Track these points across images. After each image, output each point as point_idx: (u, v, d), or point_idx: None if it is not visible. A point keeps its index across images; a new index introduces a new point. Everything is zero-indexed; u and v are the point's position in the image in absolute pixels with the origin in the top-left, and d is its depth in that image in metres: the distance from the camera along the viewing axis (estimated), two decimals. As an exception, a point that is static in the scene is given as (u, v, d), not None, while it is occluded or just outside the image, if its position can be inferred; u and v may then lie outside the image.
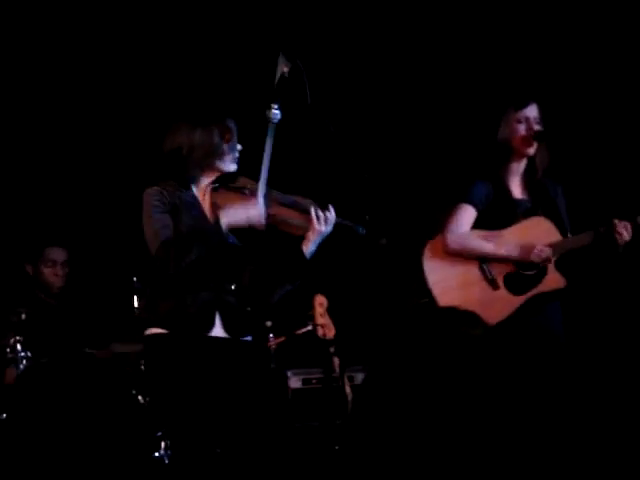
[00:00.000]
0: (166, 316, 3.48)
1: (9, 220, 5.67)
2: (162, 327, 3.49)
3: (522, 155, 4.21)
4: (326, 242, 3.59)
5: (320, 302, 5.16)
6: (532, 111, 4.21)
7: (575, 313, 4.43)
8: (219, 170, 3.59)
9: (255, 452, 3.57)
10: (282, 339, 5.34)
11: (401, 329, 5.64)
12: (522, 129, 4.18)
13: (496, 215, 4.16)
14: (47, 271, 5.27)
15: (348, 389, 5.12)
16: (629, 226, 4.07)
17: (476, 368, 4.33)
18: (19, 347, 4.64)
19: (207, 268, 3.50)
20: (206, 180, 3.60)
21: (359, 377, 5.43)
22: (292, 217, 3.57)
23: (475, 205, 4.18)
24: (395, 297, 5.73)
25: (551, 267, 4.12)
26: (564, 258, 4.14)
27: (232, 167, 3.60)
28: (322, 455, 5.04)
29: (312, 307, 5.14)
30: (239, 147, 3.62)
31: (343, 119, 5.34)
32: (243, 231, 3.58)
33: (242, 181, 3.60)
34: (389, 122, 5.93)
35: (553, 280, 4.12)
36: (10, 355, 4.64)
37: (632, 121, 5.41)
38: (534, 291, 4.11)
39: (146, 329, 3.53)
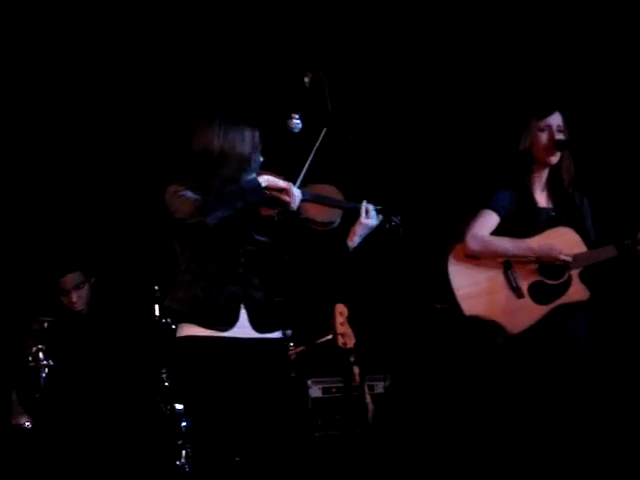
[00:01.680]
0: (192, 305, 3.49)
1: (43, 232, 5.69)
2: (187, 318, 3.50)
3: (545, 164, 4.19)
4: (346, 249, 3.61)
5: (340, 311, 5.16)
6: (555, 119, 4.18)
7: (599, 326, 4.40)
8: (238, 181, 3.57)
9: (278, 460, 3.55)
10: (302, 348, 5.33)
11: (422, 337, 5.64)
12: (544, 138, 4.16)
13: (520, 223, 4.15)
14: (64, 299, 5.27)
15: (368, 398, 5.11)
16: None
17: (498, 377, 4.32)
18: (41, 355, 4.65)
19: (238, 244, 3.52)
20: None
21: (379, 386, 5.41)
22: (319, 213, 3.58)
23: (498, 211, 4.17)
24: (416, 305, 5.73)
25: (575, 279, 4.09)
26: (589, 270, 4.11)
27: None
28: (342, 464, 5.03)
29: (332, 316, 5.14)
30: (261, 159, 3.62)
31: (364, 127, 5.39)
32: (271, 228, 3.58)
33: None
34: (412, 129, 5.92)
35: (577, 292, 4.09)
36: (32, 363, 4.64)
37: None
38: (558, 302, 4.09)
39: (176, 326, 3.54)
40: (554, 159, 4.17)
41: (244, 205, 3.43)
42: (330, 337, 5.16)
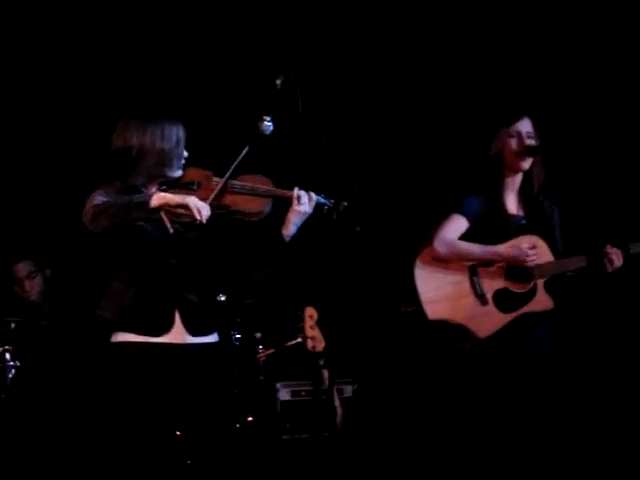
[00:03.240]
0: (124, 314, 3.43)
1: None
2: (120, 327, 3.44)
3: (515, 170, 4.18)
4: (316, 253, 3.60)
5: (310, 314, 5.15)
6: (524, 125, 4.18)
7: (562, 335, 4.42)
8: (165, 177, 3.52)
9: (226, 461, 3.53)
10: (271, 351, 5.33)
11: (391, 341, 5.65)
12: (514, 143, 4.15)
13: (489, 229, 4.14)
14: (17, 288, 5.30)
15: (337, 402, 5.10)
16: (620, 254, 4.06)
17: (467, 381, 4.33)
18: (8, 356, 4.62)
19: (158, 262, 3.45)
20: (152, 186, 3.52)
21: (348, 390, 5.42)
22: (248, 204, 3.53)
23: (467, 216, 4.15)
24: (385, 309, 5.74)
25: (540, 288, 4.10)
26: (554, 280, 4.13)
27: (178, 173, 3.53)
28: (311, 467, 5.03)
29: (302, 319, 5.14)
30: (186, 154, 3.55)
31: (335, 129, 5.38)
32: (203, 225, 3.53)
33: (190, 173, 3.55)
34: (382, 130, 5.93)
35: (541, 301, 4.10)
36: (-2, 365, 4.62)
37: (632, 142, 5.40)
38: (522, 310, 4.10)
39: (110, 332, 3.47)
40: (525, 165, 4.17)
41: (129, 220, 3.32)
42: (299, 340, 5.16)
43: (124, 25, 5.60)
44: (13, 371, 4.63)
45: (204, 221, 3.30)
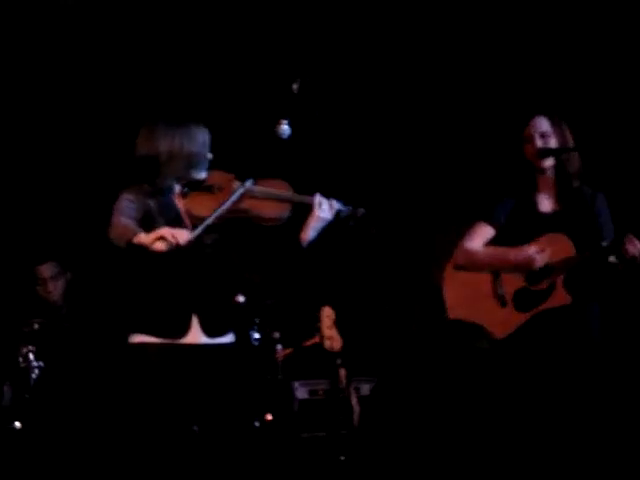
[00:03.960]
0: (143, 316, 3.49)
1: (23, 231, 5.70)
2: (139, 329, 3.49)
3: (540, 170, 4.20)
4: (333, 254, 3.62)
5: (327, 314, 5.18)
6: (537, 126, 4.18)
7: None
8: (191, 178, 3.57)
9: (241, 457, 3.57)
10: (289, 351, 5.35)
11: (408, 341, 5.67)
12: (529, 147, 4.16)
13: (519, 231, 4.14)
14: (40, 289, 5.33)
15: (354, 400, 5.14)
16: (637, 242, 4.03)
17: (483, 381, 4.34)
18: (32, 357, 4.65)
19: (176, 268, 3.50)
20: (178, 187, 3.59)
21: (365, 388, 5.43)
22: (267, 209, 3.56)
23: (493, 223, 4.19)
24: (402, 310, 5.76)
25: (559, 284, 4.09)
26: (574, 275, 4.12)
27: (203, 175, 3.59)
28: (328, 466, 5.06)
29: (319, 319, 5.16)
30: (210, 156, 3.61)
31: (352, 131, 5.40)
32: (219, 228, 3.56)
33: (214, 177, 3.59)
34: (404, 135, 5.91)
35: (559, 297, 4.07)
36: (23, 364, 4.65)
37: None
38: (540, 308, 4.11)
39: (128, 334, 3.52)
40: (545, 164, 4.16)
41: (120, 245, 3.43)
42: (317, 340, 5.19)
43: (145, 32, 5.62)
44: (37, 371, 4.66)
45: (182, 244, 3.34)
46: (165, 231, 3.35)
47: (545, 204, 4.21)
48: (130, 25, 5.64)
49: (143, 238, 3.36)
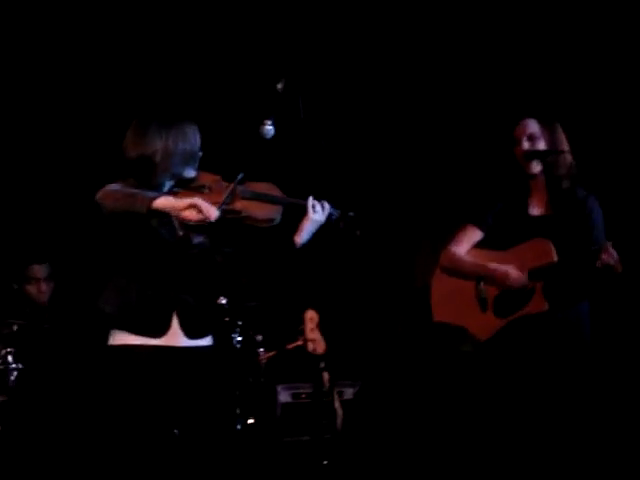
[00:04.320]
0: (124, 310, 3.45)
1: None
2: (119, 324, 3.45)
3: (529, 173, 4.18)
4: (317, 256, 3.60)
5: (311, 317, 5.16)
6: (525, 128, 4.17)
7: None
8: (183, 177, 3.55)
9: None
10: (272, 354, 5.34)
11: (392, 345, 5.66)
12: (517, 150, 4.17)
13: (509, 233, 4.15)
14: (31, 288, 5.29)
15: (337, 404, 5.12)
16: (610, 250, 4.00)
17: (466, 384, 4.34)
18: (10, 359, 4.62)
19: (162, 266, 3.47)
20: (168, 185, 3.56)
21: (349, 392, 5.43)
22: (259, 210, 3.55)
23: (481, 226, 4.21)
24: (386, 313, 5.75)
25: (538, 290, 4.07)
26: (554, 281, 4.11)
27: (193, 174, 3.57)
28: (311, 470, 5.04)
29: (303, 322, 5.15)
30: (200, 154, 3.60)
31: (337, 133, 5.39)
32: (209, 229, 3.53)
33: (202, 178, 3.57)
34: (386, 134, 5.91)
35: (536, 304, 4.07)
36: (1, 367, 4.61)
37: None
38: (517, 314, 4.10)
39: (109, 327, 3.49)
40: (533, 168, 4.15)
41: (129, 211, 3.35)
42: (300, 343, 5.17)
43: (130, 33, 5.61)
44: (15, 373, 4.63)
45: (213, 220, 3.33)
46: (200, 201, 3.33)
47: (536, 207, 4.21)
48: (115, 26, 5.62)
49: (172, 201, 3.33)
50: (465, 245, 4.21)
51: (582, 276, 4.00)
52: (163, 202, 3.31)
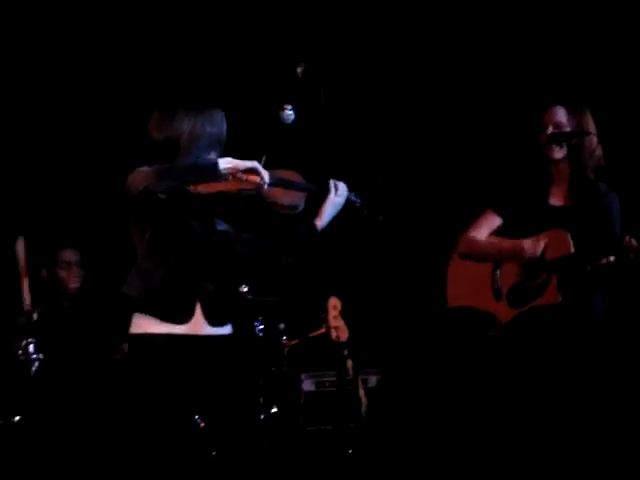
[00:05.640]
0: (149, 295, 3.45)
1: (21, 223, 5.65)
2: (143, 308, 3.45)
3: (554, 160, 4.14)
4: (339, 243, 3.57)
5: (334, 304, 5.13)
6: (552, 115, 4.15)
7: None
8: None
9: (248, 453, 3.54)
10: (295, 342, 5.31)
11: (416, 332, 5.63)
12: (542, 136, 4.15)
13: (528, 222, 4.15)
14: (62, 273, 5.26)
15: (362, 392, 5.09)
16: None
17: (491, 371, 4.33)
18: (31, 349, 4.61)
19: (190, 251, 3.48)
20: None
21: (373, 380, 5.40)
22: (283, 197, 3.53)
23: (501, 213, 4.22)
24: (410, 300, 5.71)
25: (553, 282, 4.05)
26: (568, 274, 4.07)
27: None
28: (335, 458, 5.02)
29: (325, 310, 5.12)
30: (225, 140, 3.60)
31: (358, 118, 5.34)
32: (234, 216, 3.55)
33: None
34: (412, 121, 5.86)
35: (549, 296, 4.06)
36: (22, 357, 4.60)
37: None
38: (529, 305, 4.09)
39: (133, 311, 3.48)
40: (555, 154, 4.12)
41: (196, 179, 3.34)
42: (323, 330, 5.14)
43: (151, 18, 5.63)
44: (36, 364, 4.62)
45: (266, 186, 3.35)
46: (258, 165, 3.36)
47: (556, 198, 4.20)
48: (137, 12, 5.63)
49: (234, 162, 3.35)
50: (484, 230, 4.21)
51: (597, 269, 3.99)
52: (227, 162, 3.34)
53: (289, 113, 3.63)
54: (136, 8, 5.62)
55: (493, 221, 4.21)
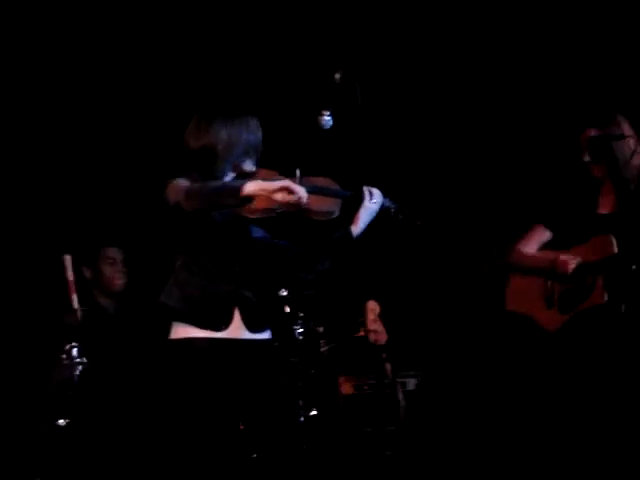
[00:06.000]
0: (188, 304, 3.47)
1: (58, 225, 5.70)
2: (183, 318, 3.47)
3: (596, 177, 4.22)
4: (377, 247, 3.58)
5: (372, 308, 5.14)
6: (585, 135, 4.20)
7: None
8: (242, 170, 3.57)
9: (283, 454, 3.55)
10: (334, 345, 5.33)
11: (453, 334, 5.63)
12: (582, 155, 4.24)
13: (577, 232, 4.20)
14: (108, 269, 5.23)
15: (400, 395, 5.10)
16: None
17: (531, 375, 4.34)
18: (75, 353, 4.63)
19: (228, 254, 3.50)
20: (230, 177, 3.57)
21: (411, 383, 5.39)
22: (319, 204, 3.54)
23: (550, 226, 4.29)
24: (448, 303, 5.71)
25: (599, 284, 4.08)
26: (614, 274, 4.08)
27: (253, 168, 3.58)
28: (374, 461, 5.02)
29: (364, 313, 5.13)
30: (261, 148, 3.61)
31: (395, 124, 5.34)
32: (270, 223, 3.56)
33: (259, 174, 3.56)
34: (447, 127, 5.85)
35: (595, 297, 4.09)
36: (66, 361, 4.62)
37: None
38: (579, 308, 4.12)
39: (172, 321, 3.51)
40: (585, 157, 4.17)
41: (220, 205, 3.36)
42: (362, 334, 5.15)
43: (190, 19, 5.64)
44: (80, 368, 4.63)
45: (305, 201, 3.32)
46: (290, 182, 3.32)
47: (605, 206, 4.23)
48: (176, 15, 5.65)
49: (262, 184, 3.30)
50: (533, 245, 4.29)
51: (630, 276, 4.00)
52: (253, 186, 3.28)
53: (327, 119, 3.64)
54: (178, 14, 5.65)
55: (543, 235, 4.30)
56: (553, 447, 4.19)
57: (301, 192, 3.30)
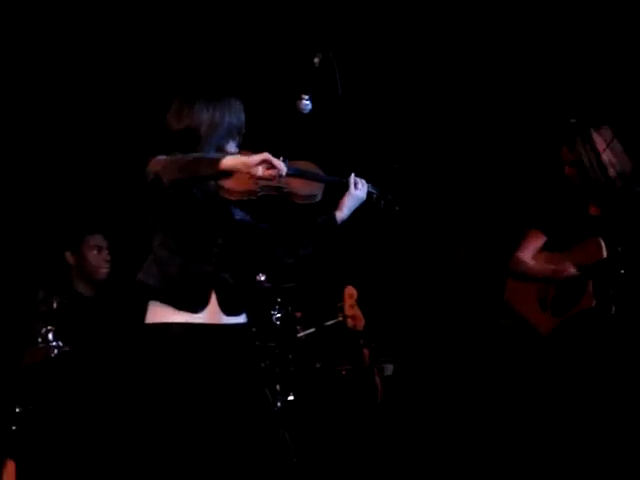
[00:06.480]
0: (166, 282, 3.46)
1: (43, 211, 5.67)
2: (160, 296, 3.46)
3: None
4: (355, 232, 3.58)
5: (350, 293, 5.15)
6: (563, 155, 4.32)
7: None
8: (225, 151, 3.53)
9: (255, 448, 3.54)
10: (311, 330, 5.33)
11: (432, 320, 5.64)
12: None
13: (570, 234, 4.29)
14: (94, 257, 5.17)
15: (377, 381, 5.11)
16: None
17: (507, 361, 4.37)
18: (50, 337, 4.62)
19: (208, 234, 3.49)
20: None
21: (389, 369, 5.41)
22: (301, 187, 3.54)
23: (545, 230, 4.38)
24: (425, 289, 5.72)
25: (588, 288, 4.15)
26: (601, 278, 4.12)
27: (235, 150, 3.56)
28: (351, 447, 5.03)
29: (342, 298, 5.13)
30: (244, 130, 3.60)
31: (375, 108, 5.34)
32: (252, 206, 3.55)
33: (242, 155, 3.48)
34: (429, 114, 5.85)
35: (585, 300, 4.16)
36: (41, 345, 4.61)
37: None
38: (570, 312, 4.19)
39: (149, 299, 3.50)
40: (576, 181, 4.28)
41: (197, 177, 3.32)
42: (339, 319, 5.15)
43: (168, 4, 5.62)
44: (55, 352, 4.63)
45: (284, 175, 3.30)
46: (270, 155, 3.27)
47: (594, 207, 4.31)
48: (158, 2, 5.62)
49: (242, 159, 3.26)
50: (530, 251, 4.39)
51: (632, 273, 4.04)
52: (231, 161, 3.24)
53: (306, 103, 3.63)
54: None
55: (538, 240, 4.40)
56: (536, 442, 4.21)
57: (280, 165, 3.27)
